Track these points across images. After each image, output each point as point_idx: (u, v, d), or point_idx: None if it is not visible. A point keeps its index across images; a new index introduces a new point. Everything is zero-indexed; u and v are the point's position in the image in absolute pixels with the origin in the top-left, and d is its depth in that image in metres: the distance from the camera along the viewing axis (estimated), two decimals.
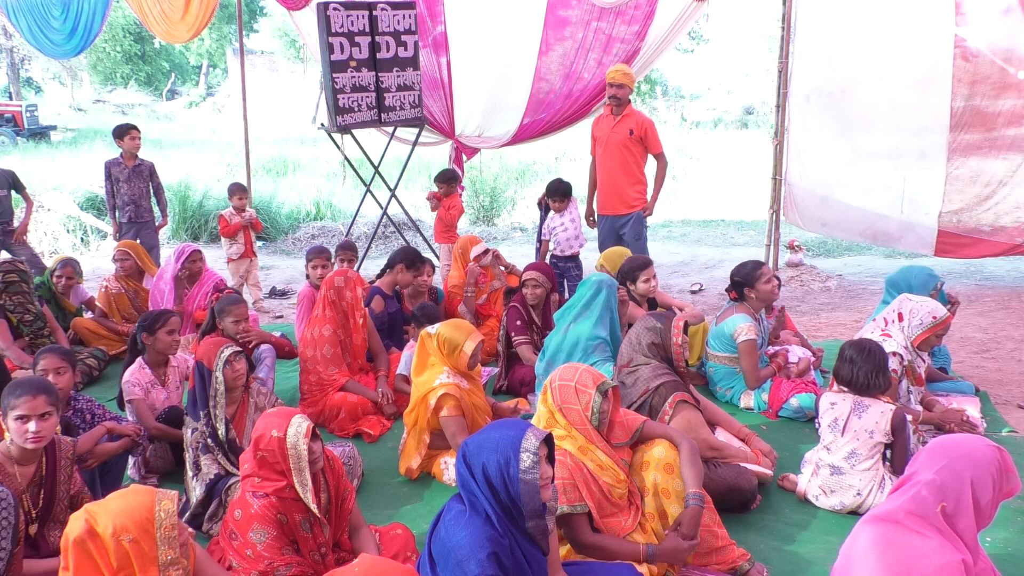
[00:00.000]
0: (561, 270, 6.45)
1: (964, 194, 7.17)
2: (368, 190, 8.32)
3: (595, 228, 6.79)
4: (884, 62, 7.11)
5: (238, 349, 3.63)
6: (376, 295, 5.42)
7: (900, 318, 4.08)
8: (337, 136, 7.63)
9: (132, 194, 7.10)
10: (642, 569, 2.74)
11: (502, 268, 6.27)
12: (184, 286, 5.79)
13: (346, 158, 8.20)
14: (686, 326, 3.65)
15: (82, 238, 10.58)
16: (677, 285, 8.00)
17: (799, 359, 4.80)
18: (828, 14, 7.30)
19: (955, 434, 2.60)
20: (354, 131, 7.66)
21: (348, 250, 6.07)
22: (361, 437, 4.40)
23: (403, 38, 7.51)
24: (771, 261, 7.85)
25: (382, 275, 5.67)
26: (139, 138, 7.16)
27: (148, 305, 5.86)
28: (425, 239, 8.83)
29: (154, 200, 7.37)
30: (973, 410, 4.32)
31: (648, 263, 5.24)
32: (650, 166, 6.53)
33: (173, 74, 35.28)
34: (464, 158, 9.03)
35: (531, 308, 5.20)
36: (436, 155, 11.85)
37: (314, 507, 2.77)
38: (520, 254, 9.03)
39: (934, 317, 4.02)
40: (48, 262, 7.08)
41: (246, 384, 3.71)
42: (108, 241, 9.95)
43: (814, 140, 7.62)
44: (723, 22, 28.28)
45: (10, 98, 25.58)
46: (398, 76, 7.55)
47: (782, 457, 3.88)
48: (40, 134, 20.53)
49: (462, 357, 3.86)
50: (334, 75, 7.14)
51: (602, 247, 6.35)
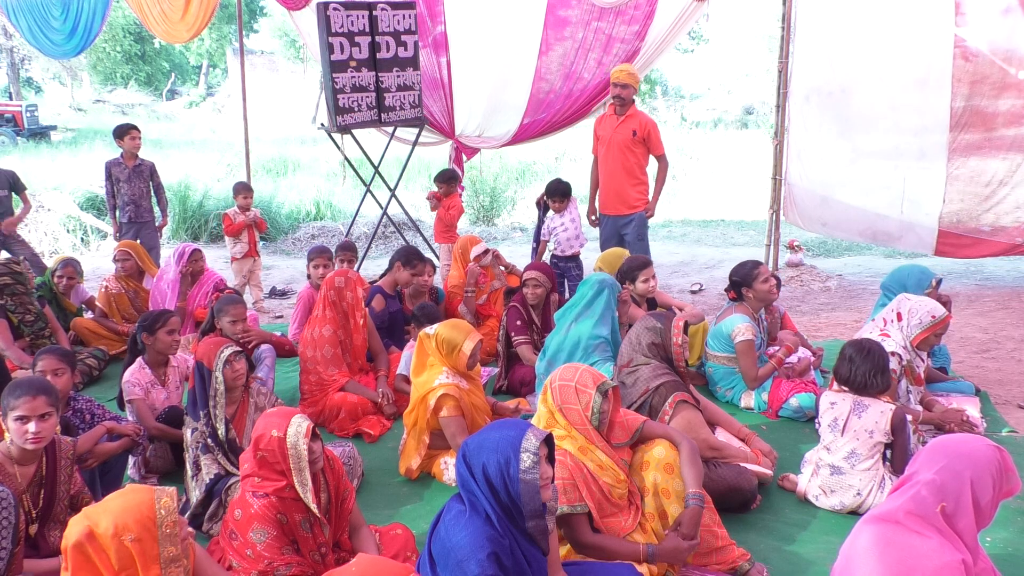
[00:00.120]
0: (561, 270, 6.45)
1: (964, 194, 7.17)
2: (368, 190, 8.31)
3: (597, 227, 6.80)
4: (884, 62, 7.11)
5: (238, 349, 3.63)
6: (377, 294, 5.42)
7: (899, 318, 4.08)
8: (337, 136, 7.63)
9: (132, 194, 7.11)
10: (642, 569, 2.74)
11: (502, 268, 6.27)
12: (187, 285, 5.79)
13: (346, 158, 8.20)
14: (686, 326, 3.65)
15: (82, 238, 10.58)
16: (677, 285, 8.01)
17: (799, 359, 4.80)
18: (828, 14, 7.29)
19: (955, 434, 2.60)
20: (354, 131, 7.66)
21: (348, 250, 6.07)
22: (361, 437, 4.40)
23: (403, 38, 7.51)
24: (771, 261, 7.84)
25: (384, 276, 5.68)
26: (139, 138, 7.17)
27: (148, 305, 5.87)
28: (425, 239, 8.83)
29: (154, 200, 7.37)
30: (973, 410, 4.32)
31: (647, 263, 5.23)
32: (651, 167, 6.53)
33: (173, 74, 35.28)
34: (464, 158, 9.03)
35: (531, 308, 5.20)
36: (436, 155, 11.84)
37: (314, 507, 2.77)
38: (520, 254, 9.02)
39: (933, 316, 4.01)
40: (48, 262, 7.09)
41: (246, 384, 3.71)
42: (108, 241, 9.95)
43: (814, 140, 7.62)
44: (723, 22, 28.31)
45: (10, 98, 25.58)
46: (398, 76, 7.55)
47: (782, 457, 3.88)
48: (40, 134, 20.53)
49: (461, 357, 3.86)
50: (334, 75, 7.14)
51: (604, 247, 6.36)
